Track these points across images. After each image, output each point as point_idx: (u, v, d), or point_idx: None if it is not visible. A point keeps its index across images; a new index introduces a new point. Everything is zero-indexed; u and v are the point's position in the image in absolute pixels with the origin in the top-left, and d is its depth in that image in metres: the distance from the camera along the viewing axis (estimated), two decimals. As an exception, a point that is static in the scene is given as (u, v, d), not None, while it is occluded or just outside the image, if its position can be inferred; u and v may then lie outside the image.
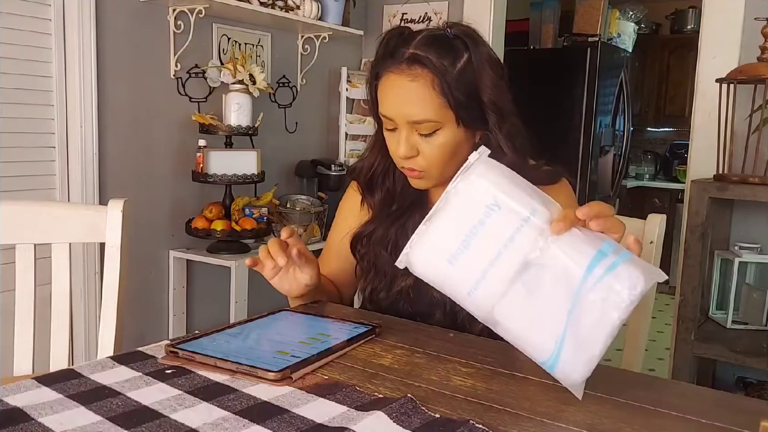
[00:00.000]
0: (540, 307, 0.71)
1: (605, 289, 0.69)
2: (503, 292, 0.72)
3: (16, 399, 0.70)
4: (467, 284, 0.73)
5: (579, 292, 0.69)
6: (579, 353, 0.70)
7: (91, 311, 2.15)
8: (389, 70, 1.00)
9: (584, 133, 3.56)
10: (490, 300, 0.73)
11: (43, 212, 1.25)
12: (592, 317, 0.69)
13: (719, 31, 2.15)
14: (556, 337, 0.71)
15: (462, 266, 0.73)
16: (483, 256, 0.72)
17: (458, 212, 0.74)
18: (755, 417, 0.63)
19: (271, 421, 0.67)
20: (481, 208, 0.73)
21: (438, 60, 0.97)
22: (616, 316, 0.70)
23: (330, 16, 2.77)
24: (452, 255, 0.73)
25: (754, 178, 1.83)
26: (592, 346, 0.70)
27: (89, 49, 2.06)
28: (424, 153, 1.00)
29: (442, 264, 0.74)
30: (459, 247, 0.73)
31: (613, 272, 0.69)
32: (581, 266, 0.69)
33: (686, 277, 1.88)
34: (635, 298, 0.70)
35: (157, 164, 2.33)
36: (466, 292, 0.74)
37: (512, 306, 0.72)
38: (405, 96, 0.98)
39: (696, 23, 4.76)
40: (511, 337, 0.75)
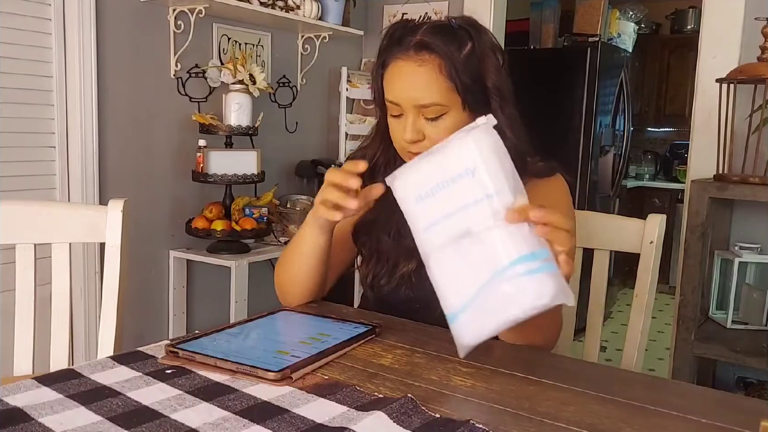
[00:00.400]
0: (462, 272, 0.78)
1: (517, 287, 0.75)
2: (443, 244, 0.80)
3: (16, 399, 0.70)
4: (423, 223, 0.82)
5: (495, 278, 0.76)
6: (473, 325, 0.78)
7: (91, 311, 2.15)
8: (397, 57, 1.02)
9: (584, 133, 3.55)
10: (432, 246, 0.81)
11: (43, 212, 1.25)
12: (495, 303, 0.76)
13: (719, 31, 2.15)
14: (463, 301, 0.78)
15: (424, 207, 0.81)
16: (441, 208, 0.80)
17: (442, 161, 0.81)
18: (755, 417, 0.64)
19: (271, 421, 0.67)
20: (460, 168, 0.79)
21: (444, 45, 1.00)
22: (515, 314, 0.76)
23: (330, 16, 2.77)
24: (420, 195, 0.81)
25: (754, 178, 1.83)
26: (484, 327, 0.78)
27: (89, 49, 2.06)
28: (430, 137, 1.02)
29: (412, 198, 0.82)
30: (428, 191, 0.80)
31: (531, 276, 0.75)
32: (509, 257, 0.76)
33: (686, 277, 1.88)
34: (538, 307, 0.75)
35: (157, 164, 2.33)
36: (422, 228, 0.82)
37: (444, 259, 0.80)
38: (413, 81, 1.01)
39: (696, 23, 4.76)
40: (434, 282, 0.82)
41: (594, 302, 1.29)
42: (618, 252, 1.29)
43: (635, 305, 1.23)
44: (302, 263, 1.07)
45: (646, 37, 4.92)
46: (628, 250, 1.25)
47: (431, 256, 0.81)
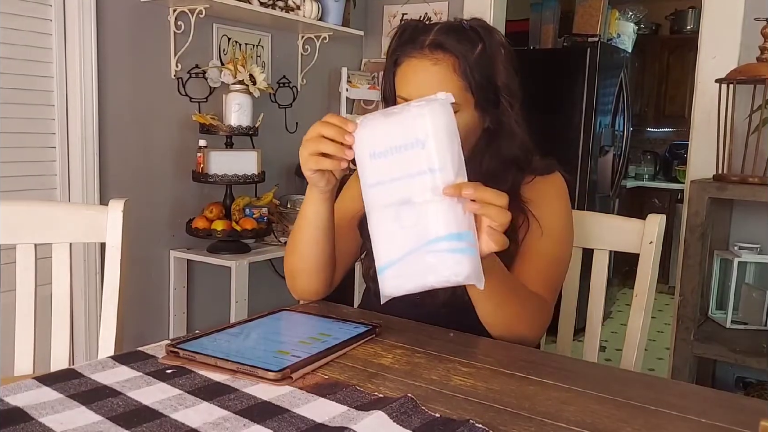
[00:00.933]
0: (396, 234, 0.84)
1: (440, 261, 0.82)
2: (384, 205, 0.85)
3: (17, 399, 0.70)
4: (371, 179, 0.86)
5: (422, 247, 0.82)
6: (395, 281, 0.85)
7: (92, 311, 2.15)
8: (411, 56, 1.04)
9: (584, 132, 3.55)
10: (375, 202, 0.86)
11: (44, 212, 1.25)
12: (417, 268, 0.83)
13: (719, 31, 2.15)
14: (390, 259, 0.85)
15: (375, 165, 0.86)
16: (389, 170, 0.84)
17: (399, 126, 0.84)
18: (755, 417, 0.64)
19: (271, 420, 0.67)
20: (412, 138, 0.83)
21: (458, 45, 1.02)
22: (431, 282, 0.83)
23: (330, 17, 2.77)
24: (374, 153, 0.85)
25: (753, 178, 1.83)
26: (403, 286, 0.85)
27: (90, 49, 2.06)
28: None
29: (366, 152, 0.87)
30: (381, 151, 0.85)
31: (453, 254, 0.82)
32: (437, 233, 0.82)
33: (686, 277, 1.89)
34: (451, 282, 0.83)
35: (158, 164, 2.33)
36: (369, 184, 0.86)
37: (382, 219, 0.86)
38: (427, 79, 1.02)
39: (696, 23, 4.76)
40: (371, 234, 0.87)
41: (594, 302, 1.29)
42: (618, 252, 1.29)
43: (635, 305, 1.23)
44: (305, 245, 1.07)
45: (645, 37, 4.92)
46: (628, 250, 1.25)
47: (372, 213, 0.87)
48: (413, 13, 2.98)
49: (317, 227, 1.04)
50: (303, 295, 1.14)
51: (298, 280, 1.12)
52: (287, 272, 1.14)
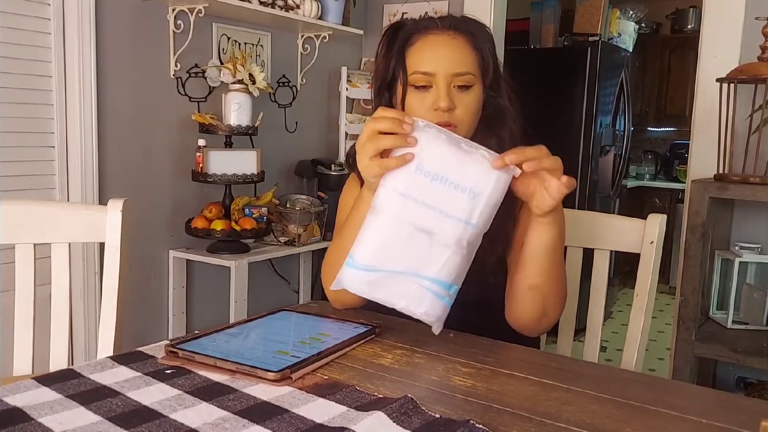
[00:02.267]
0: (397, 249, 0.86)
1: (421, 294, 0.86)
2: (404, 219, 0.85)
3: (16, 399, 0.70)
4: (403, 188, 0.86)
5: (412, 275, 0.85)
6: (364, 286, 0.87)
7: (91, 311, 2.15)
8: (429, 32, 1.09)
9: (584, 132, 3.55)
10: (391, 208, 0.86)
11: (43, 212, 1.25)
12: (395, 288, 0.86)
13: (720, 30, 2.15)
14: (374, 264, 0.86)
15: (415, 178, 0.85)
16: (427, 192, 0.85)
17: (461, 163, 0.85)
18: (755, 417, 0.63)
19: (271, 421, 0.66)
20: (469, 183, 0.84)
21: (468, 27, 1.10)
22: (400, 305, 0.87)
23: (330, 16, 2.77)
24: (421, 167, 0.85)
25: (754, 178, 1.83)
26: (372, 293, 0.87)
27: (89, 48, 2.06)
28: (460, 106, 1.07)
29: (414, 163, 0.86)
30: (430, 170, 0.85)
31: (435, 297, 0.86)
32: (434, 274, 0.85)
33: (687, 277, 1.88)
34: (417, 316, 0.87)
35: (157, 164, 2.33)
36: (398, 190, 0.86)
37: (394, 228, 0.86)
38: (448, 50, 1.07)
39: (696, 23, 4.75)
40: (367, 228, 0.88)
41: (594, 302, 1.29)
42: (618, 252, 1.29)
43: (635, 305, 1.23)
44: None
45: (646, 36, 4.92)
46: (629, 250, 1.25)
47: (384, 215, 0.87)
48: (413, 12, 2.98)
49: None
50: (352, 302, 1.06)
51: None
52: (327, 284, 1.06)
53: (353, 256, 0.88)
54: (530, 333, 1.08)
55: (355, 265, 0.87)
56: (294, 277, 2.95)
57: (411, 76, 1.07)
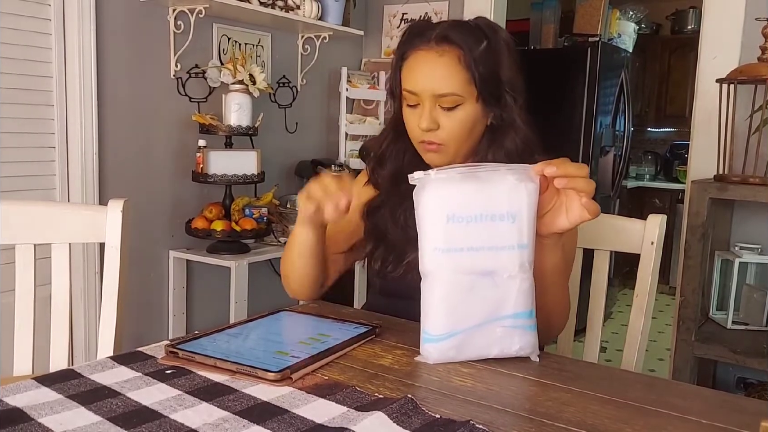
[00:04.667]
0: (465, 303, 0.83)
1: (508, 334, 0.84)
2: (458, 272, 0.83)
3: (16, 399, 0.70)
4: (443, 243, 0.83)
5: (495, 320, 0.83)
6: (451, 352, 0.84)
7: (91, 311, 2.15)
8: (418, 48, 1.06)
9: (584, 133, 3.55)
10: (445, 266, 0.83)
11: (43, 212, 1.25)
12: (483, 340, 0.84)
13: (719, 31, 2.15)
14: (452, 330, 0.83)
15: (451, 229, 0.82)
16: (471, 238, 0.82)
17: (487, 193, 0.83)
18: (755, 417, 0.63)
19: (271, 421, 0.66)
20: (503, 209, 0.82)
21: (464, 38, 1.04)
22: (494, 353, 0.85)
23: (330, 16, 2.77)
24: (453, 215, 0.82)
25: (754, 179, 1.83)
26: (461, 356, 0.85)
27: (89, 49, 2.06)
28: (445, 127, 1.05)
29: (441, 214, 0.83)
30: (465, 215, 0.82)
31: (522, 330, 0.85)
32: (514, 309, 0.84)
33: (687, 278, 1.88)
34: (514, 355, 0.85)
35: (157, 164, 2.33)
36: (435, 247, 0.83)
37: (453, 283, 0.83)
38: (432, 70, 1.04)
39: (696, 23, 4.75)
40: (428, 298, 0.85)
41: (594, 303, 1.29)
42: (618, 252, 1.29)
43: (635, 306, 1.23)
44: (294, 258, 1.10)
45: (646, 37, 4.92)
46: (629, 251, 1.25)
47: (439, 275, 0.84)
48: (413, 12, 2.98)
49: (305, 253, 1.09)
50: (295, 295, 1.17)
51: (290, 288, 1.17)
52: (282, 274, 1.18)
53: (427, 330, 0.85)
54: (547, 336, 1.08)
55: (433, 338, 0.84)
56: (294, 278, 2.95)
57: (403, 92, 1.08)
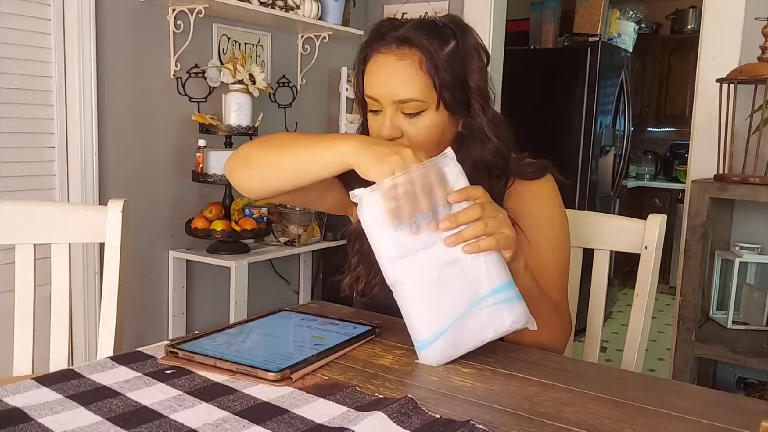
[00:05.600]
0: (440, 299, 0.82)
1: (496, 312, 0.82)
2: (421, 270, 0.82)
3: (16, 399, 0.70)
4: (396, 252, 0.82)
5: (476, 304, 0.82)
6: (448, 349, 0.83)
7: (91, 311, 2.15)
8: (378, 51, 1.00)
9: (584, 133, 3.55)
10: (408, 272, 0.82)
11: (43, 212, 1.25)
12: (473, 327, 0.82)
13: (719, 31, 2.15)
14: (438, 329, 0.82)
15: (401, 236, 0.81)
16: (423, 239, 0.81)
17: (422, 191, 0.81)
18: (755, 417, 0.63)
19: (271, 421, 0.66)
20: (440, 198, 0.82)
21: (427, 41, 0.97)
22: (490, 335, 0.83)
23: (330, 16, 2.77)
24: (399, 224, 0.81)
25: (754, 178, 1.83)
26: (459, 349, 0.84)
27: (89, 49, 2.06)
28: (408, 135, 0.99)
29: (386, 225, 0.82)
30: (409, 222, 0.81)
31: (508, 303, 0.83)
32: (490, 285, 0.82)
33: (687, 278, 1.88)
34: (512, 330, 0.84)
35: (157, 164, 2.33)
36: (391, 257, 0.82)
37: (422, 285, 0.82)
38: (392, 75, 0.98)
39: (696, 23, 4.75)
40: (404, 307, 0.84)
41: (594, 303, 1.29)
42: (618, 252, 1.29)
43: (635, 306, 1.23)
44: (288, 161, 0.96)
45: (646, 37, 4.92)
46: (629, 251, 1.25)
47: (406, 283, 0.83)
48: (413, 12, 2.98)
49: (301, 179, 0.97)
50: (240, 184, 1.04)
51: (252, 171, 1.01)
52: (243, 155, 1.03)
53: (417, 339, 0.84)
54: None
55: (425, 343, 0.83)
56: (294, 278, 2.95)
57: (365, 98, 1.02)
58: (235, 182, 1.05)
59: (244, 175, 1.03)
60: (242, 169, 1.03)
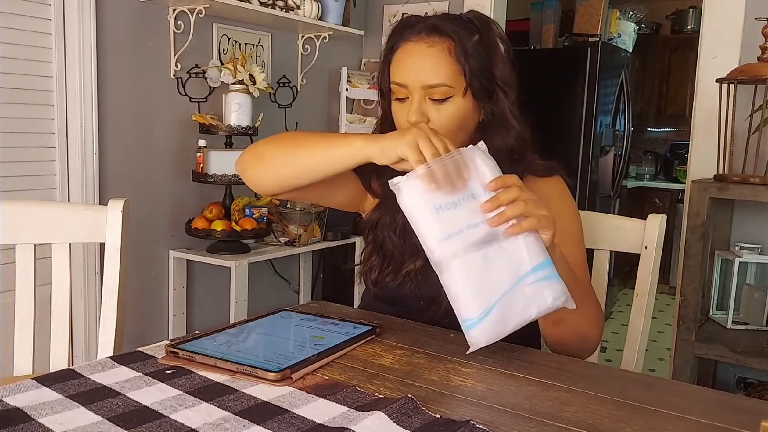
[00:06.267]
0: (486, 277, 0.83)
1: (538, 290, 0.83)
2: (465, 251, 0.83)
3: (16, 399, 0.70)
4: (442, 232, 0.84)
5: (520, 281, 0.83)
6: (496, 326, 0.84)
7: (91, 311, 2.15)
8: (408, 40, 1.04)
9: (584, 133, 3.55)
10: (454, 252, 0.83)
11: (43, 212, 1.25)
12: (518, 305, 0.83)
13: (719, 31, 2.15)
14: (486, 306, 0.83)
15: (444, 217, 0.84)
16: (465, 219, 0.84)
17: (461, 173, 0.84)
18: (755, 417, 0.63)
19: (271, 421, 0.66)
20: (478, 181, 0.85)
21: (455, 30, 1.02)
22: (534, 313, 0.84)
23: (330, 16, 2.77)
24: (441, 206, 0.84)
25: (754, 178, 1.83)
26: (506, 327, 0.84)
27: (89, 49, 2.06)
28: (434, 121, 1.02)
29: (429, 208, 0.84)
30: (449, 203, 0.84)
31: (548, 281, 0.84)
32: (531, 263, 0.84)
33: (687, 278, 1.88)
34: (553, 308, 0.84)
35: (157, 164, 2.33)
36: (438, 238, 0.84)
37: (468, 264, 0.83)
38: (422, 61, 1.02)
39: (696, 23, 4.75)
40: (452, 287, 0.85)
41: (594, 302, 1.29)
42: (618, 252, 1.29)
43: (635, 306, 1.23)
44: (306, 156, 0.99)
45: (646, 37, 4.92)
46: (629, 251, 1.25)
47: (452, 263, 0.84)
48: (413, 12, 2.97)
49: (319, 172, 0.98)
50: (253, 180, 1.07)
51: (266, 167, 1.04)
52: (257, 152, 1.06)
53: (465, 318, 0.84)
54: (576, 356, 1.04)
55: (474, 321, 0.84)
56: (294, 278, 2.96)
57: (391, 86, 1.05)
58: (249, 179, 1.08)
59: (259, 172, 1.06)
60: (256, 166, 1.06)
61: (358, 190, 1.16)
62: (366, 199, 1.18)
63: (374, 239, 1.13)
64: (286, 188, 1.05)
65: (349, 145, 0.93)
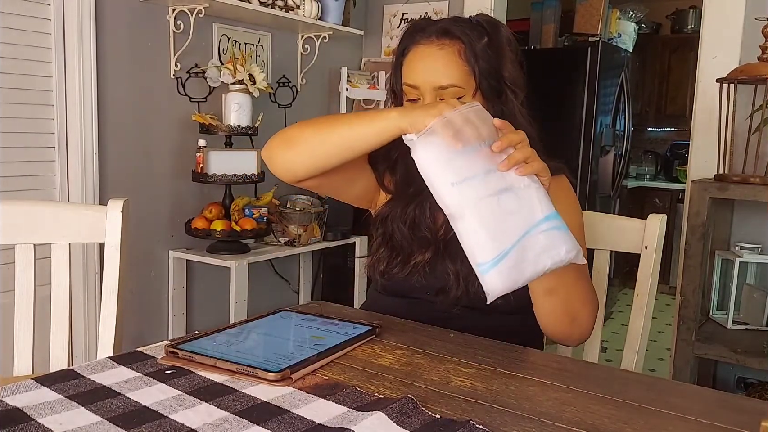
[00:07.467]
0: (500, 221, 0.84)
1: (551, 239, 0.84)
2: (479, 197, 0.84)
3: (16, 399, 0.70)
4: (455, 176, 0.84)
5: (533, 228, 0.84)
6: (512, 272, 0.83)
7: (91, 311, 2.15)
8: (419, 43, 1.07)
9: (584, 133, 3.55)
10: (467, 197, 0.84)
11: (43, 212, 1.25)
12: (532, 252, 0.84)
13: (720, 30, 2.15)
14: (502, 249, 0.83)
15: (457, 164, 0.85)
16: (481, 164, 0.85)
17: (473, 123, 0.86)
18: (755, 417, 0.63)
19: (271, 421, 0.66)
20: (491, 131, 0.87)
21: (466, 33, 1.05)
22: (549, 263, 0.84)
23: (330, 16, 2.77)
24: (455, 155, 0.85)
25: (754, 178, 1.83)
26: (521, 275, 0.84)
27: (89, 49, 2.06)
28: None
29: (443, 153, 0.85)
30: (462, 152, 0.85)
31: (560, 231, 0.85)
32: (543, 212, 0.85)
33: (687, 278, 1.88)
34: (566, 260, 0.85)
35: (157, 164, 2.33)
36: (451, 182, 0.84)
37: (482, 208, 0.84)
38: (433, 63, 1.05)
39: (696, 23, 4.75)
40: (468, 233, 0.85)
41: (594, 302, 1.29)
42: (618, 252, 1.29)
43: (635, 306, 1.23)
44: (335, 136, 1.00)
45: (646, 37, 4.92)
46: (629, 251, 1.25)
47: (466, 207, 0.84)
48: (413, 12, 2.98)
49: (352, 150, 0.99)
50: (280, 168, 1.06)
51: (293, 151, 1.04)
52: (286, 136, 1.05)
53: (479, 262, 0.84)
54: (568, 341, 1.08)
55: (487, 265, 0.83)
56: (294, 278, 2.96)
57: (403, 88, 1.08)
58: (278, 164, 1.06)
59: (288, 154, 1.04)
60: (286, 150, 1.05)
61: (373, 185, 1.19)
62: (379, 195, 1.20)
63: (383, 232, 1.15)
64: (314, 171, 1.04)
65: (385, 118, 0.93)
